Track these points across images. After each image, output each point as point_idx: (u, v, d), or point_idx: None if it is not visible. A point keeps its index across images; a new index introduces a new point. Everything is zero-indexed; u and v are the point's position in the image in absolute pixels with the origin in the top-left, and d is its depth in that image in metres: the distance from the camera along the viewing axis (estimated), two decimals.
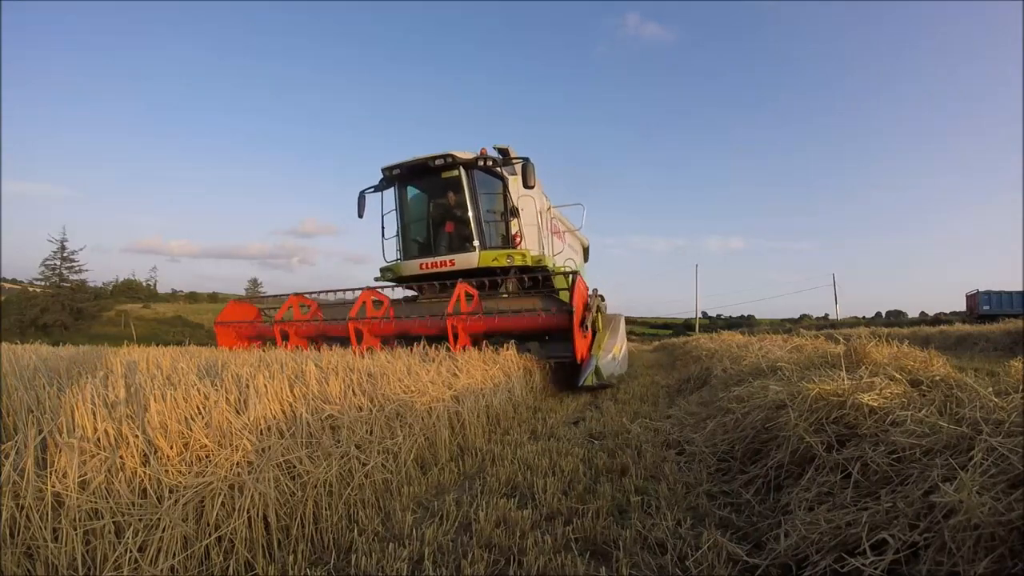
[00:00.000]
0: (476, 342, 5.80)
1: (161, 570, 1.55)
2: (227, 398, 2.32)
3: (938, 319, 35.51)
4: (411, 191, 7.74)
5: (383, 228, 7.83)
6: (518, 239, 7.27)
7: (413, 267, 7.28)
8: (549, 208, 8.24)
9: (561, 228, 9.33)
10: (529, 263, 6.95)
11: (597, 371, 5.76)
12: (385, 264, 7.75)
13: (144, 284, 61.46)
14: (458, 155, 6.92)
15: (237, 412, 2.26)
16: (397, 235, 7.79)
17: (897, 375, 2.72)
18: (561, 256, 8.42)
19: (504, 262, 6.81)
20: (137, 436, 1.81)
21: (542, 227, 7.92)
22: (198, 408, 2.18)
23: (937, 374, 2.73)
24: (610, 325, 7.05)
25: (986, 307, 30.46)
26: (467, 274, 6.72)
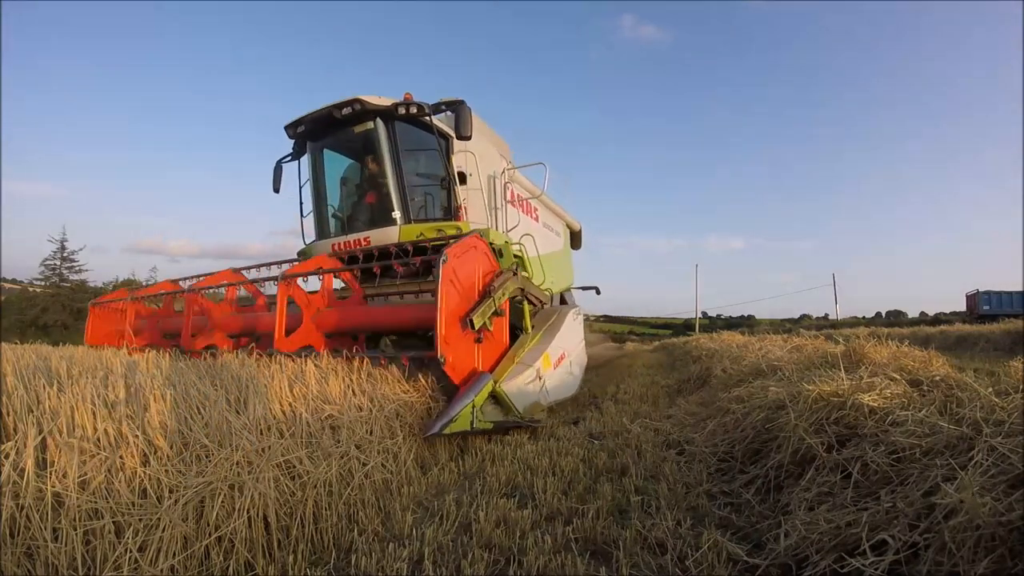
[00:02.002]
0: (347, 342, 4.81)
1: (161, 570, 1.55)
2: (227, 398, 2.32)
3: (938, 319, 35.48)
4: (328, 156, 6.18)
5: (300, 203, 6.36)
6: (463, 211, 5.60)
7: (325, 248, 5.81)
8: (506, 171, 6.39)
9: (526, 197, 7.29)
10: None
11: (499, 400, 3.79)
12: (304, 246, 6.31)
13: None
14: (369, 100, 5.35)
15: (237, 412, 2.26)
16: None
17: (897, 375, 2.72)
18: (518, 231, 6.20)
19: (430, 236, 5.18)
20: (137, 436, 1.81)
21: (493, 194, 6.15)
22: (197, 408, 2.18)
23: (937, 374, 2.73)
24: (547, 323, 5.35)
25: (986, 307, 30.44)
26: (387, 254, 4.97)
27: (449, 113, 5.48)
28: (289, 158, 6.38)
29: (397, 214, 5.45)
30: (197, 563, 1.64)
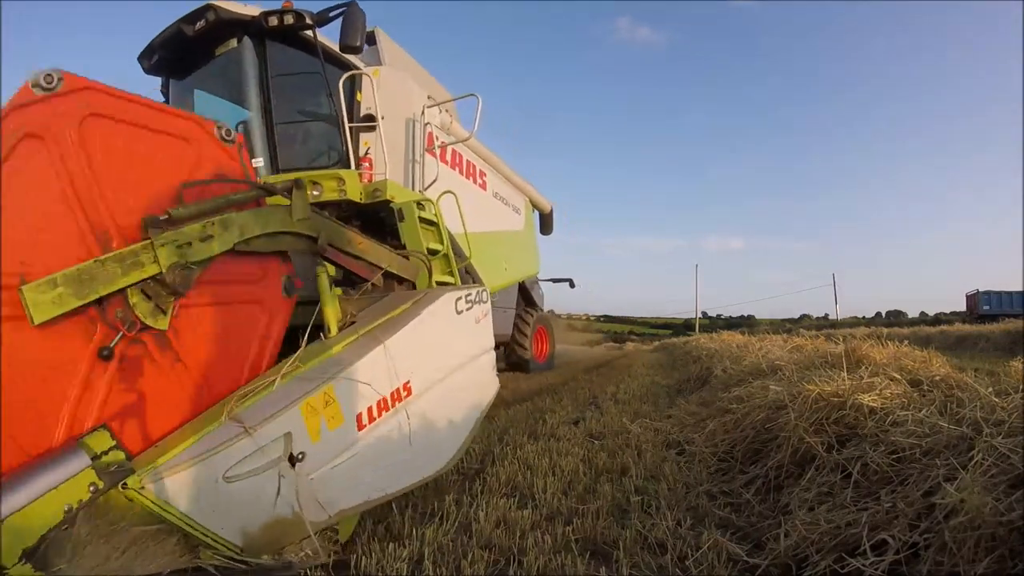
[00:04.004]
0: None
1: None
2: None
3: (938, 319, 35.51)
4: (205, 101, 4.52)
5: None
6: (368, 163, 4.20)
7: None
8: (427, 109, 4.74)
9: (453, 148, 5.59)
10: (356, 197, 3.81)
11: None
12: None
13: None
14: (226, 8, 3.88)
15: None
16: None
17: (897, 375, 2.72)
18: (437, 188, 4.42)
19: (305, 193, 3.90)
20: None
21: (412, 142, 4.62)
22: None
23: (937, 374, 2.73)
24: (379, 321, 2.16)
25: (986, 307, 30.44)
26: None
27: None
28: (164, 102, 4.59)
29: (258, 162, 4.03)
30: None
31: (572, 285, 11.99)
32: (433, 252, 3.35)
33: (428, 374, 2.17)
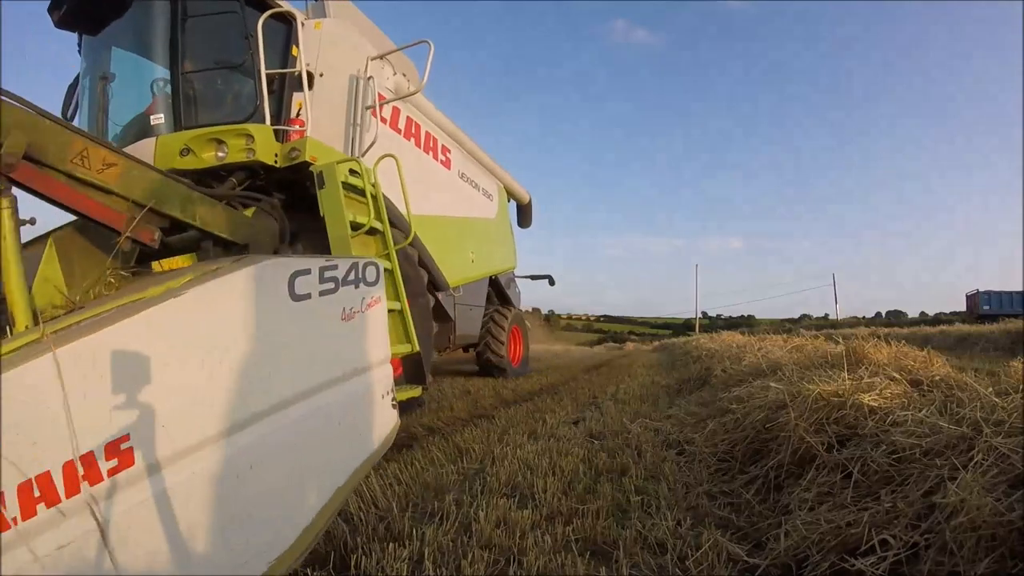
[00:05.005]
0: None
1: None
2: None
3: (938, 319, 35.50)
4: (116, 55, 3.90)
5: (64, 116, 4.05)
6: (302, 124, 3.52)
7: None
8: (372, 62, 4.12)
9: (409, 117, 4.89)
10: (269, 158, 3.26)
11: None
12: None
13: None
14: None
15: None
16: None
17: (897, 375, 2.72)
18: (374, 154, 3.76)
19: (207, 155, 3.25)
20: None
21: (356, 101, 4.02)
22: None
23: (937, 374, 2.73)
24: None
25: (986, 307, 30.46)
26: None
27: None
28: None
29: (159, 117, 3.44)
30: None
31: (552, 282, 10.97)
32: (357, 227, 2.87)
33: (192, 420, 1.21)
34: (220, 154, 3.25)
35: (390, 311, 3.13)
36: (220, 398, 1.28)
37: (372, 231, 3.06)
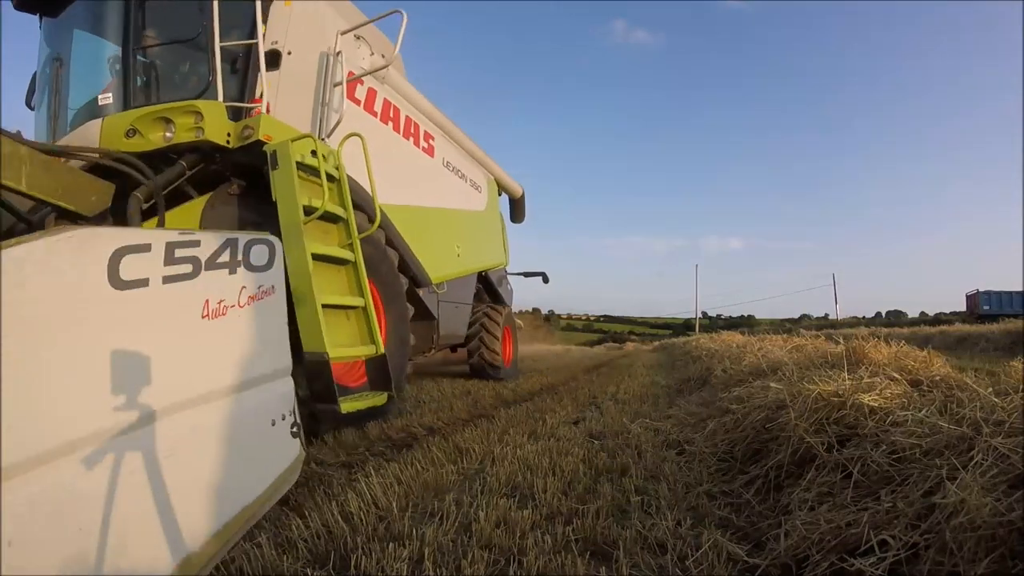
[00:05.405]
0: None
1: None
2: None
3: (938, 319, 35.51)
4: (78, 37, 3.77)
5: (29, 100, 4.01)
6: (261, 102, 3.27)
7: None
8: (341, 37, 3.82)
9: (387, 99, 4.54)
10: (220, 138, 3.03)
11: None
12: None
13: None
14: None
15: None
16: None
17: (897, 375, 2.72)
18: (338, 135, 3.53)
19: (155, 136, 3.02)
20: None
21: (324, 80, 3.75)
22: None
23: (937, 374, 2.73)
24: None
25: (986, 307, 30.49)
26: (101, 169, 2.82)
27: None
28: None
29: (107, 97, 3.29)
30: None
31: (545, 280, 10.53)
32: (311, 211, 2.64)
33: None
34: (168, 134, 3.03)
35: (350, 308, 2.94)
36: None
37: (334, 218, 2.84)
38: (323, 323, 2.62)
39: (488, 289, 7.45)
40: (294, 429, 1.46)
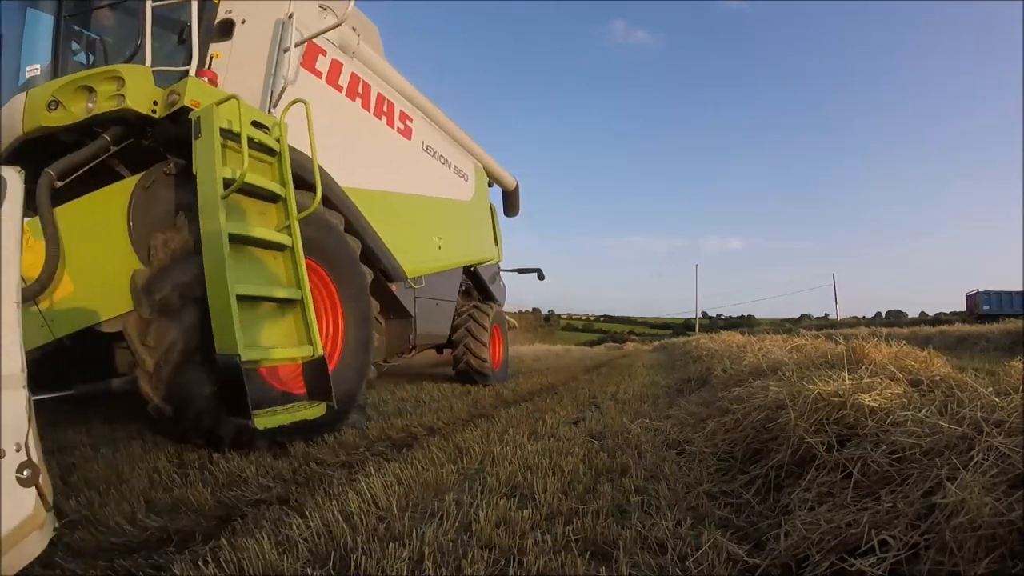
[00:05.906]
0: None
1: None
2: None
3: (938, 319, 35.52)
4: (31, 16, 3.39)
5: None
6: (214, 76, 3.10)
7: None
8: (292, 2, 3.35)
9: (354, 73, 4.16)
10: (144, 107, 2.76)
11: None
12: None
13: None
14: None
15: None
16: None
17: (897, 375, 2.72)
18: (281, 105, 3.21)
19: (77, 108, 2.74)
20: None
21: (275, 51, 3.37)
22: None
23: (937, 374, 2.73)
24: None
25: (986, 307, 30.49)
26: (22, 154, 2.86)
27: None
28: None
29: (33, 69, 3.06)
30: None
31: (541, 276, 9.97)
32: (229, 183, 2.39)
33: None
34: (90, 105, 2.74)
35: (286, 302, 2.63)
36: None
37: (273, 196, 2.59)
38: (236, 318, 2.30)
39: (478, 286, 7.01)
40: (25, 473, 0.86)
